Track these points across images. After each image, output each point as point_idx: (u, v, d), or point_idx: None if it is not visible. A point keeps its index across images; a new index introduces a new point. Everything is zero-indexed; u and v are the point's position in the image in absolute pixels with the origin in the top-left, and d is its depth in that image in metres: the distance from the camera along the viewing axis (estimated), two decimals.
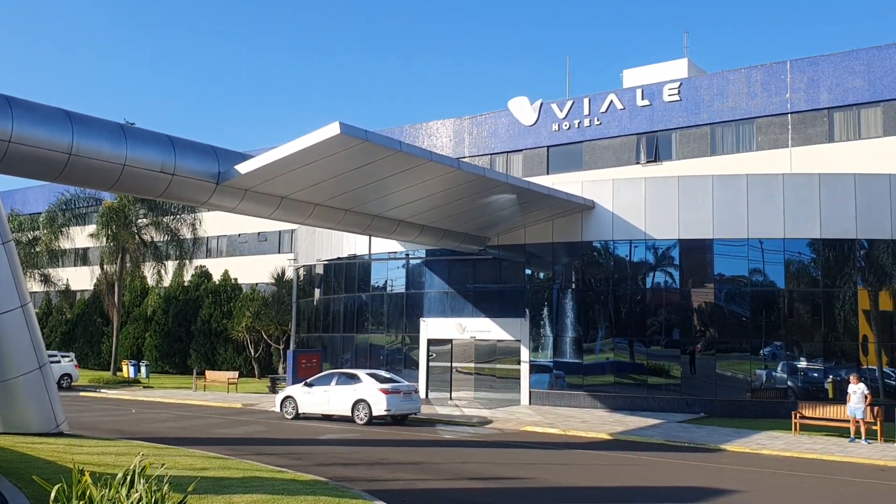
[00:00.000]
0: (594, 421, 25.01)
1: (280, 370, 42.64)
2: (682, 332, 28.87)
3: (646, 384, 28.65)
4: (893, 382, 27.18)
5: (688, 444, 20.61)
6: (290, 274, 44.39)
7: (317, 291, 38.62)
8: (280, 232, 53.24)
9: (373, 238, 29.58)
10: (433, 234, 27.97)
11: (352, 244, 34.41)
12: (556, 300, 30.21)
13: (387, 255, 33.35)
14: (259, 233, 54.43)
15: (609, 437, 21.91)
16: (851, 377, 22.24)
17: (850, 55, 35.42)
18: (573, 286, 30.00)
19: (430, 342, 32.30)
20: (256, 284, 51.30)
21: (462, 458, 18.09)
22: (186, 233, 44.19)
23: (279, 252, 53.08)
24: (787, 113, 36.50)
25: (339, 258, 35.90)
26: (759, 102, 37.23)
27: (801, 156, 35.71)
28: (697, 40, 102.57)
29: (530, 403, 29.60)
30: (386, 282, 34.41)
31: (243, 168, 19.42)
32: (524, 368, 30.04)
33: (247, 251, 55.87)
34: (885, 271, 27.53)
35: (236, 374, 38.36)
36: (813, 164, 34.33)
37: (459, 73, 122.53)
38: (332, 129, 17.21)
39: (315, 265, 38.22)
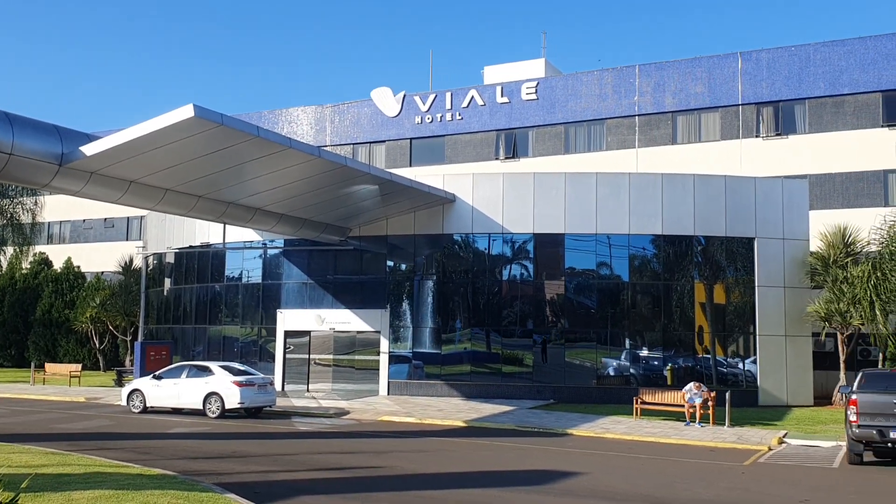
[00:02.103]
0: (450, 409, 25.49)
1: (127, 363, 40.73)
2: (536, 323, 29.92)
3: (500, 373, 29.49)
4: (725, 370, 29.32)
5: (538, 430, 21.42)
6: (138, 262, 42.42)
7: (167, 281, 37.15)
8: (129, 218, 50.76)
9: (228, 226, 28.76)
10: (292, 223, 27.55)
11: (205, 232, 33.31)
12: (416, 292, 30.52)
13: (242, 244, 32.53)
14: (106, 219, 51.67)
15: (464, 425, 22.41)
16: (693, 385, 23.41)
17: (693, 62, 37.78)
18: (434, 278, 30.41)
19: (288, 334, 31.82)
20: (102, 273, 48.66)
21: (318, 449, 17.98)
22: (26, 217, 41.31)
23: (127, 239, 50.61)
24: (635, 115, 38.49)
25: (191, 246, 34.67)
26: (610, 104, 39.05)
27: (646, 156, 37.77)
28: (555, 41, 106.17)
29: (389, 394, 29.78)
30: (241, 272, 33.56)
31: (89, 149, 18.38)
32: (383, 359, 30.17)
33: (92, 238, 52.91)
34: (720, 266, 29.62)
35: (79, 366, 36.32)
36: (657, 165, 36.40)
37: (322, 60, 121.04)
38: (186, 112, 16.60)
39: (166, 253, 36.74)
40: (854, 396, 16.78)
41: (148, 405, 24.86)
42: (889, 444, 16.32)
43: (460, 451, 17.92)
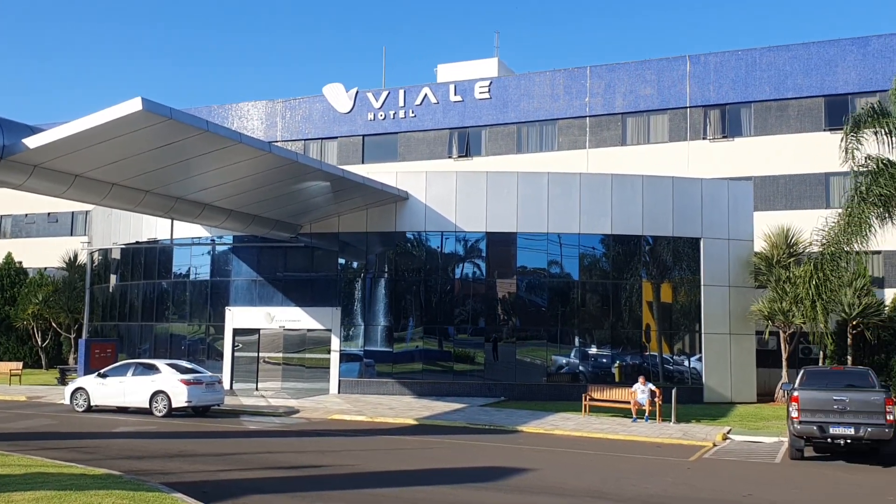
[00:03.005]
0: (401, 407, 25.48)
1: (71, 361, 39.77)
2: (488, 321, 30.08)
3: (452, 371, 29.57)
4: (671, 368, 29.85)
5: (489, 427, 21.55)
6: (83, 258, 41.44)
7: (113, 277, 36.37)
8: (73, 213, 49.53)
9: (176, 222, 28.29)
10: (242, 219, 27.20)
11: (152, 228, 32.66)
12: (368, 290, 30.41)
13: (190, 240, 31.99)
14: (49, 213, 50.33)
15: (415, 423, 22.43)
16: (640, 378, 24.02)
17: (642, 65, 38.35)
18: (386, 276, 30.34)
19: (237, 332, 31.42)
20: (45, 269, 47.35)
21: (267, 447, 17.82)
22: None
23: (72, 234, 49.36)
24: (586, 116, 38.93)
25: (138, 242, 33.99)
26: (562, 105, 39.42)
27: (597, 157, 38.23)
28: (508, 41, 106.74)
29: (340, 392, 29.63)
30: (189, 268, 33.03)
31: (32, 142, 17.88)
32: (334, 358, 30.00)
33: (35, 233, 51.48)
34: (667, 266, 30.15)
35: (20, 364, 35.32)
36: (607, 165, 36.86)
37: (274, 55, 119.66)
38: (134, 105, 16.27)
39: (111, 249, 35.96)
40: (796, 393, 17.25)
41: (92, 404, 24.34)
42: (829, 440, 16.81)
43: (411, 449, 17.93)
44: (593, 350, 29.89)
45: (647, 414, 23.24)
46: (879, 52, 34.49)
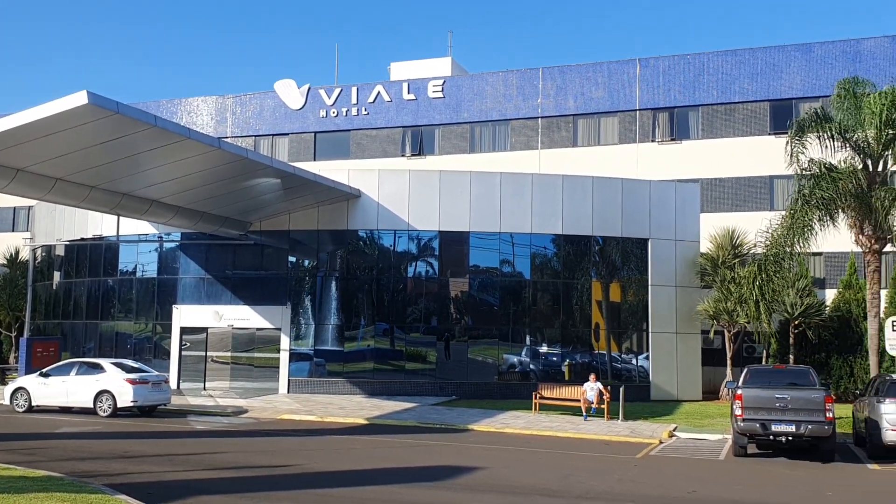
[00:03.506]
0: (352, 407, 25.37)
1: (11, 360, 38.64)
2: (440, 320, 30.12)
3: (403, 370, 29.53)
4: (619, 366, 30.29)
5: (439, 426, 21.59)
6: (25, 254, 40.30)
7: (57, 274, 35.47)
8: (15, 208, 48.16)
9: (122, 218, 27.73)
10: (190, 216, 26.78)
11: (98, 224, 31.95)
12: (319, 288, 30.19)
13: (137, 237, 31.37)
14: None
15: (365, 422, 22.36)
16: (591, 376, 24.38)
17: (593, 67, 38.80)
18: (337, 274, 30.16)
19: (184, 330, 30.92)
20: None
21: (215, 448, 17.58)
22: None
23: (13, 230, 48.01)
24: (538, 117, 39.24)
25: (83, 239, 33.20)
26: (514, 105, 39.67)
27: (548, 157, 38.57)
28: (461, 40, 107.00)
29: (289, 392, 29.37)
30: (136, 266, 32.38)
31: None
32: (284, 357, 29.71)
33: None
34: (616, 266, 30.57)
35: None
36: (559, 166, 37.20)
37: (224, 50, 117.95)
38: (79, 98, 15.90)
39: (55, 246, 35.05)
40: (739, 391, 17.64)
41: (34, 404, 23.72)
42: (771, 437, 17.24)
43: (362, 449, 17.87)
44: (544, 349, 30.16)
45: (593, 410, 23.52)
46: (822, 58, 35.45)
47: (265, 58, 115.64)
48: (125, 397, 22.63)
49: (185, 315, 30.83)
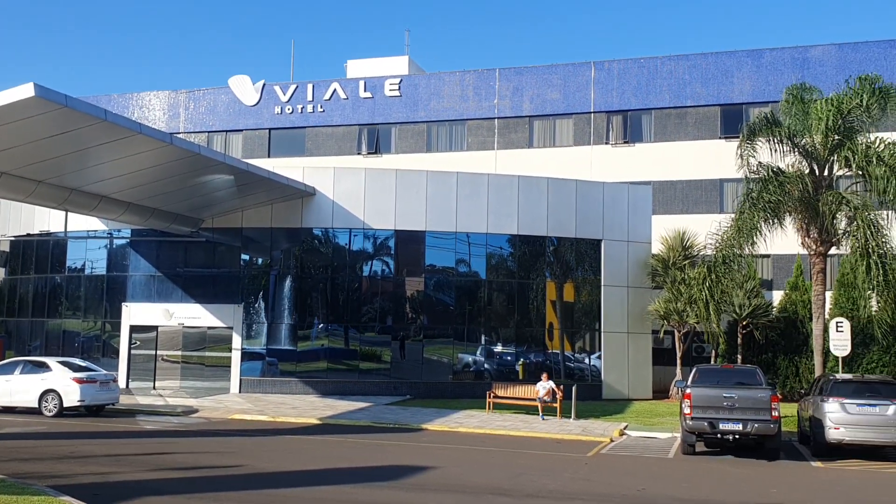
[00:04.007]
0: (305, 407, 25.19)
1: None
2: (395, 319, 30.06)
3: (358, 369, 29.41)
4: (572, 365, 30.59)
5: (393, 426, 21.55)
6: None
7: (1, 271, 34.57)
8: None
9: (71, 214, 27.12)
10: (141, 212, 26.32)
11: (45, 219, 31.20)
12: (273, 287, 29.90)
13: (86, 233, 30.72)
14: None
15: (318, 422, 22.21)
16: (543, 375, 24.58)
17: (549, 69, 39.11)
18: (291, 273, 29.90)
19: (134, 329, 30.36)
20: None
21: (164, 448, 17.30)
22: None
23: None
24: (495, 118, 39.41)
25: (29, 234, 32.40)
26: (471, 105, 39.79)
27: (504, 158, 38.76)
28: (418, 39, 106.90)
29: (241, 392, 29.03)
30: (85, 262, 31.70)
31: None
32: (236, 356, 29.35)
33: None
34: (570, 266, 30.87)
35: None
36: (515, 167, 37.39)
37: (178, 45, 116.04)
38: (26, 91, 15.52)
39: (0, 241, 34.15)
40: (688, 390, 17.94)
41: None
42: (719, 436, 17.56)
43: (314, 449, 17.75)
44: (499, 348, 30.31)
45: (542, 410, 23.68)
46: (772, 64, 36.24)
47: (220, 53, 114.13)
48: (72, 397, 22.14)
49: (134, 313, 30.28)
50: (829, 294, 28.04)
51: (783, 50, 36.49)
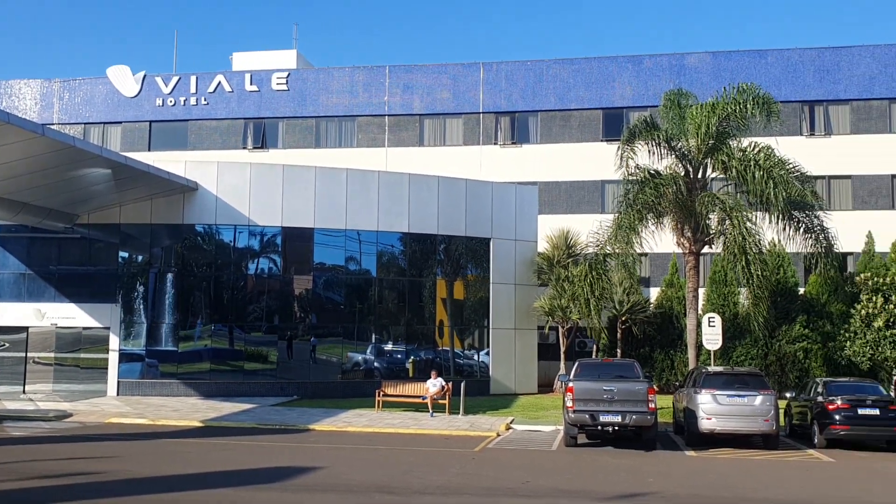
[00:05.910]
0: (187, 409, 24.42)
1: None
2: (283, 318, 29.56)
3: (242, 370, 28.75)
4: (462, 362, 30.95)
5: (279, 427, 21.19)
6: None
7: None
8: None
9: None
10: (9, 207, 24.82)
11: None
12: (153, 285, 28.81)
13: None
14: None
15: (201, 425, 21.59)
16: (432, 373, 24.79)
17: (440, 68, 39.38)
18: (173, 271, 28.90)
19: (2, 330, 28.63)
20: None
21: (33, 455, 16.38)
22: None
23: None
24: (385, 115, 39.37)
25: None
26: (361, 102, 39.58)
27: (395, 156, 38.77)
28: (307, 34, 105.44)
29: (119, 394, 27.85)
30: None
31: None
32: (113, 357, 28.13)
33: None
34: (460, 264, 31.23)
35: None
36: (405, 165, 37.45)
37: (50, 29, 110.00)
38: None
39: None
40: (571, 384, 18.48)
41: None
42: (599, 427, 18.18)
43: (196, 452, 17.24)
44: (389, 346, 30.31)
45: (431, 407, 23.86)
46: (651, 70, 37.76)
47: (97, 41, 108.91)
48: None
49: (3, 313, 28.53)
50: (702, 291, 29.51)
51: (662, 56, 38.06)
